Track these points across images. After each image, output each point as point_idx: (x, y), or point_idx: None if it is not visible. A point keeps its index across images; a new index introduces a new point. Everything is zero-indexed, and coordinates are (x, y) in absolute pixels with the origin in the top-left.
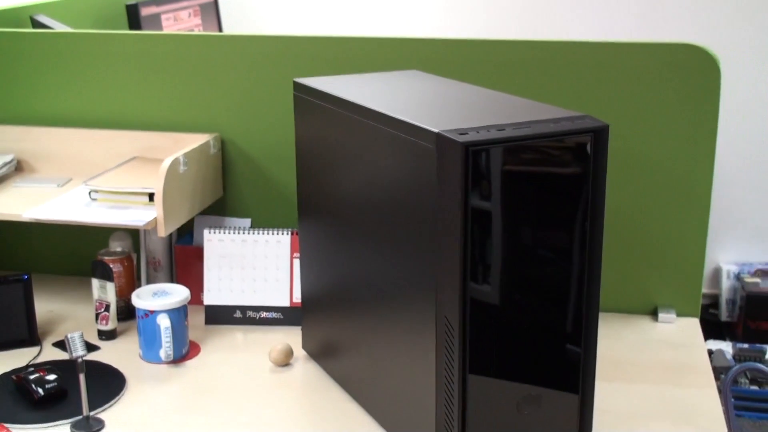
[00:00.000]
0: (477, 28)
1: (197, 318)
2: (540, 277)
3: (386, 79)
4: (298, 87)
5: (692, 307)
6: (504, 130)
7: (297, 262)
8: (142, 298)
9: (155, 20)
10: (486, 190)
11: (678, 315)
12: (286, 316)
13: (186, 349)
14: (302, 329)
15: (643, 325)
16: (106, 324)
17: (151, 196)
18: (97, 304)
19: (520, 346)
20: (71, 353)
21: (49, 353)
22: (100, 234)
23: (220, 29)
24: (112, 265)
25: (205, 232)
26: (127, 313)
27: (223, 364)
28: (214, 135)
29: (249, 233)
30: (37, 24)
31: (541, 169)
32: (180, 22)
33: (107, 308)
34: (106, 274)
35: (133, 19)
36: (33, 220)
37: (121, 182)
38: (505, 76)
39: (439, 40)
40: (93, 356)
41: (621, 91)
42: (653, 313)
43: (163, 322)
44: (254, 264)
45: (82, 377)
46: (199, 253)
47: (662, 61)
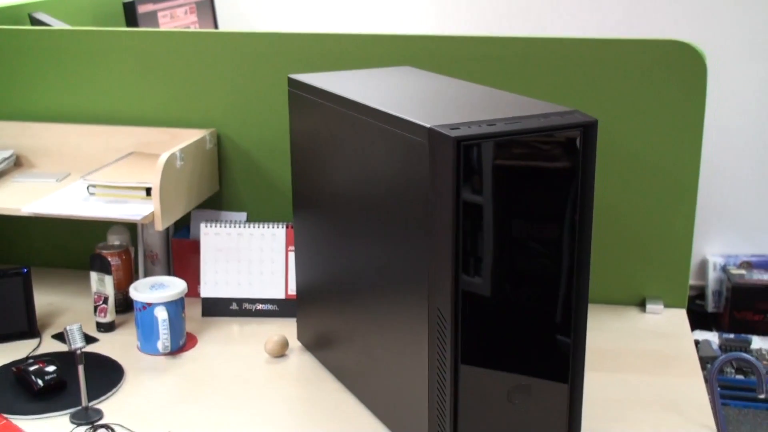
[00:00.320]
0: (468, 25)
1: (194, 310)
2: (530, 269)
3: (379, 75)
4: (293, 83)
5: (679, 299)
6: (495, 125)
7: (292, 255)
8: (140, 291)
9: (152, 18)
10: (477, 184)
11: (665, 306)
12: (281, 308)
13: (183, 340)
14: (297, 321)
15: (632, 316)
16: (105, 316)
17: (149, 191)
18: (96, 297)
19: (510, 337)
20: (70, 345)
21: (49, 345)
22: (98, 228)
23: (216, 26)
24: (110, 259)
25: (202, 225)
26: (125, 305)
27: (219, 355)
28: (210, 130)
29: (245, 227)
30: (35, 21)
31: (532, 164)
32: (176, 19)
33: (105, 301)
34: (104, 268)
35: (130, 17)
36: (32, 215)
37: (119, 177)
38: (495, 72)
39: (431, 37)
40: (91, 348)
41: (609, 86)
42: (641, 305)
43: (161, 315)
44: (250, 257)
45: (81, 368)
46: (195, 247)
47: (650, 57)
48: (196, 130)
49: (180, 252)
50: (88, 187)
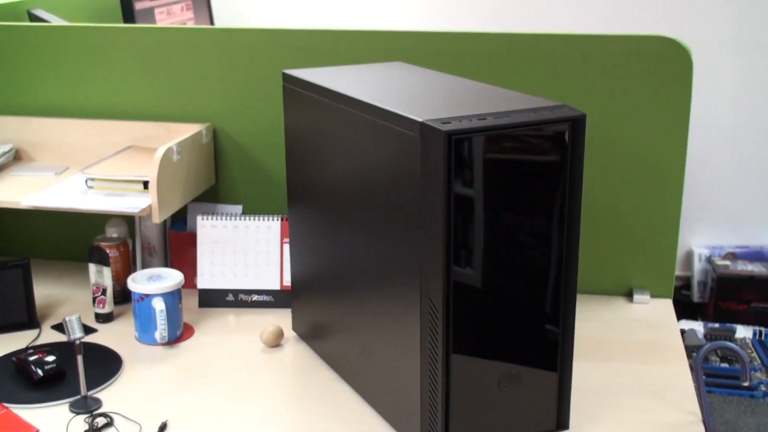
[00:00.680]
0: (459, 21)
1: (191, 301)
2: (520, 260)
3: (372, 71)
4: (288, 78)
5: (666, 289)
6: (485, 119)
7: (287, 247)
8: (138, 282)
9: (149, 14)
10: (468, 177)
11: (652, 296)
12: (276, 299)
13: (180, 331)
14: (292, 311)
15: (619, 306)
16: (103, 307)
17: (146, 184)
18: (94, 288)
19: (501, 327)
20: (69, 335)
21: (48, 336)
22: (97, 220)
23: (212, 23)
24: (108, 251)
25: (198, 218)
26: (123, 296)
27: (216, 345)
28: (207, 125)
29: (240, 219)
30: (34, 18)
31: (521, 157)
32: (173, 16)
33: (104, 292)
34: (102, 259)
35: (128, 13)
36: (31, 208)
37: (117, 170)
38: (485, 67)
39: (423, 33)
40: (90, 338)
41: (597, 81)
42: (628, 295)
43: (158, 305)
44: (246, 249)
45: (80, 358)
46: (192, 239)
47: (637, 52)
48: (192, 125)
49: (177, 244)
50: (86, 181)
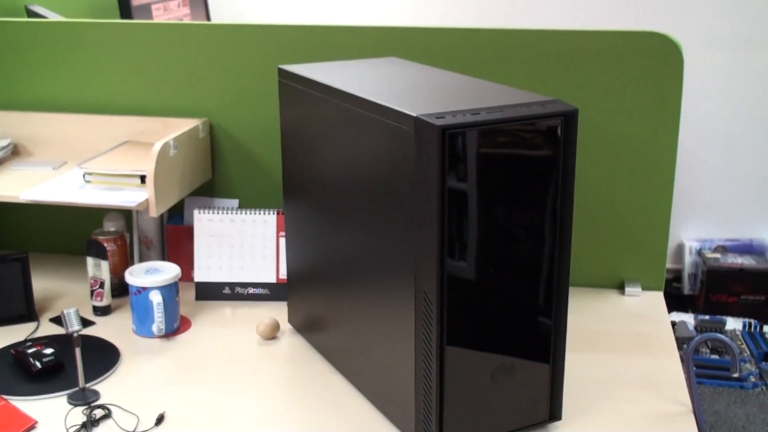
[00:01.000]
0: (452, 17)
1: (188, 294)
2: (513, 253)
3: (367, 66)
4: (283, 73)
5: (657, 281)
6: (479, 114)
7: (283, 241)
8: (135, 276)
9: (146, 10)
10: (462, 172)
11: (643, 289)
12: (272, 292)
13: (177, 323)
14: (288, 304)
15: (611, 298)
16: (101, 300)
17: (143, 178)
18: (92, 282)
19: (494, 319)
20: (67, 328)
21: (46, 328)
22: (94, 214)
23: (208, 19)
24: (106, 244)
25: (195, 212)
26: (121, 289)
27: (212, 337)
28: (203, 120)
29: (237, 213)
30: (31, 14)
31: (514, 151)
32: (169, 12)
33: (102, 285)
34: (100, 253)
35: (125, 9)
36: (30, 202)
37: (114, 165)
38: (479, 63)
39: (417, 29)
40: (88, 331)
41: (589, 76)
42: (620, 287)
43: (156, 298)
44: (242, 242)
45: (78, 351)
46: (189, 233)
47: (628, 47)
48: (189, 120)
49: (174, 238)
50: (84, 175)
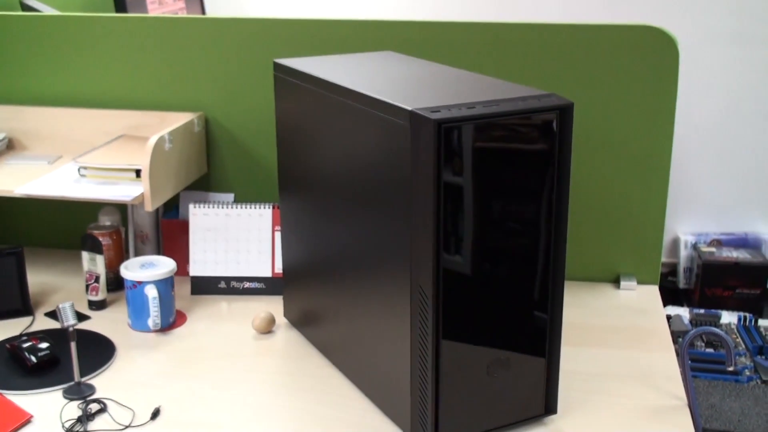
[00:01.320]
0: (448, 11)
1: (183, 288)
2: (509, 247)
3: (362, 60)
4: (279, 67)
5: (652, 275)
6: (474, 108)
7: (278, 235)
8: (131, 270)
9: (140, 4)
10: (457, 166)
11: (639, 283)
12: (268, 286)
13: (173, 318)
14: (283, 298)
15: (606, 292)
16: (96, 294)
17: (138, 173)
18: (87, 276)
19: (490, 313)
20: (63, 322)
21: (42, 323)
22: (90, 209)
23: (204, 12)
24: (101, 239)
25: (191, 206)
26: (116, 284)
27: (208, 332)
28: (198, 114)
29: (232, 207)
30: (26, 8)
31: (510, 146)
32: (164, 6)
33: (97, 279)
34: (95, 247)
35: (119, 3)
36: (25, 196)
37: (109, 159)
38: (474, 57)
39: (412, 23)
40: (84, 325)
41: (585, 70)
42: (615, 281)
43: (151, 293)
44: (237, 237)
45: (74, 345)
46: (184, 227)
47: (624, 42)
48: (184, 114)
49: (169, 232)
50: (79, 169)
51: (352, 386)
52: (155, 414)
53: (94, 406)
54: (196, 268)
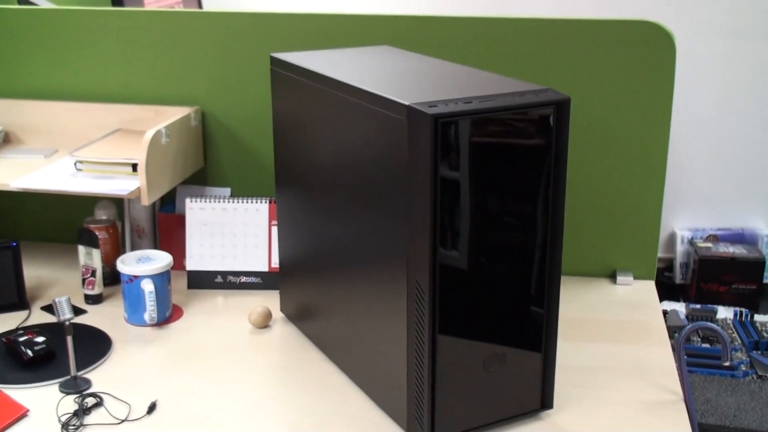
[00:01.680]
0: (445, 5)
1: (180, 283)
2: (505, 242)
3: (359, 54)
4: (275, 62)
5: (648, 271)
6: (471, 102)
7: (275, 230)
8: (127, 264)
9: None
10: (454, 160)
11: (635, 278)
12: (264, 281)
13: (169, 312)
14: (280, 293)
15: (603, 287)
16: (93, 289)
17: (135, 167)
18: (84, 270)
19: (486, 308)
20: (59, 317)
21: (38, 317)
22: (86, 203)
23: (200, 6)
24: (97, 233)
25: (187, 200)
26: (113, 278)
27: (204, 326)
28: (195, 108)
29: (229, 202)
30: (23, 1)
31: (507, 140)
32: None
33: (93, 274)
34: (92, 241)
35: None
36: (21, 190)
37: (106, 153)
38: (471, 52)
39: (409, 17)
40: (80, 319)
41: (582, 65)
42: (612, 276)
43: (147, 287)
44: (234, 231)
45: (70, 339)
46: (181, 221)
47: (620, 36)
48: (180, 108)
49: (166, 226)
50: (75, 163)
51: (349, 381)
52: (151, 408)
53: (91, 400)
54: (193, 263)
